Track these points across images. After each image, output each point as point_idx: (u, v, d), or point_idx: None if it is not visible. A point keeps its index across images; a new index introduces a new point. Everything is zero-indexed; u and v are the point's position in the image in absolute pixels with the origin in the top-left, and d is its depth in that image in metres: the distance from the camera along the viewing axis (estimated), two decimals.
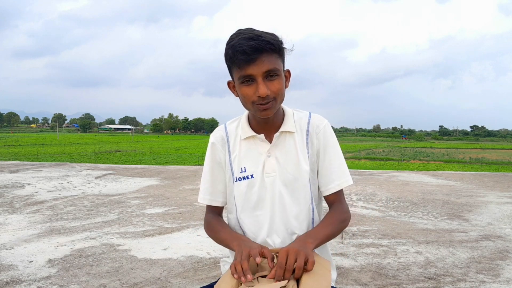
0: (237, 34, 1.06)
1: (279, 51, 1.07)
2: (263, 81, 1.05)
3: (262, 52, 1.02)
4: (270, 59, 1.04)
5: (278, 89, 1.07)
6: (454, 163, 25.46)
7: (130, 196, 5.42)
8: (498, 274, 2.73)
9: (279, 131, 1.17)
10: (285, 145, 1.17)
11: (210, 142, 1.26)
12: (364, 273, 2.70)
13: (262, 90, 1.04)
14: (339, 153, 1.20)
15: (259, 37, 1.02)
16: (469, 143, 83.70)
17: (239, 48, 1.01)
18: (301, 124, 1.20)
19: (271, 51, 1.04)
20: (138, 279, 2.52)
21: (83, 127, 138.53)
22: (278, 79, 1.07)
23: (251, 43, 1.01)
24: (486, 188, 6.80)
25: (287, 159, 1.16)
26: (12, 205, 4.66)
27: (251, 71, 1.03)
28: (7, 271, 2.60)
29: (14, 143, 36.65)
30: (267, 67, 1.04)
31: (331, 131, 1.21)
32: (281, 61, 1.09)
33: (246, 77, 1.05)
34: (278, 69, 1.06)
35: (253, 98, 1.06)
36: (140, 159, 20.85)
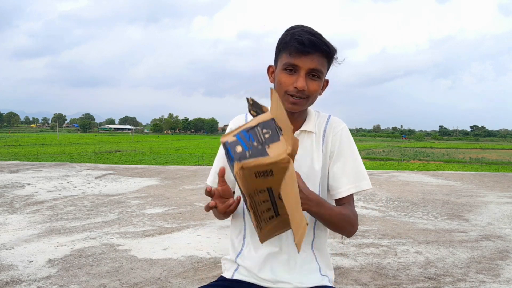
0: (299, 26, 1.09)
1: (330, 57, 1.10)
2: (305, 76, 1.07)
3: (316, 50, 1.05)
4: (320, 60, 1.07)
5: (315, 90, 1.09)
6: (454, 163, 25.46)
7: (130, 196, 5.42)
8: (498, 274, 2.73)
9: (299, 130, 1.18)
10: (302, 144, 1.18)
11: (228, 128, 1.25)
12: (364, 273, 2.70)
13: (301, 82, 1.06)
14: (355, 157, 1.19)
15: (320, 35, 1.07)
16: (469, 143, 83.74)
17: (298, 37, 1.04)
18: (320, 125, 1.21)
19: (324, 53, 1.07)
20: (138, 279, 2.52)
21: (83, 127, 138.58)
22: (318, 81, 1.09)
23: (311, 37, 1.04)
24: (486, 188, 6.80)
25: (302, 158, 1.16)
26: (12, 205, 4.65)
27: (299, 62, 1.06)
28: (7, 271, 2.60)
29: (14, 143, 36.66)
30: (315, 65, 1.06)
31: (348, 134, 1.20)
32: (327, 68, 1.12)
33: (292, 66, 1.07)
34: (322, 71, 1.09)
35: (289, 87, 1.08)
36: (140, 159, 20.84)
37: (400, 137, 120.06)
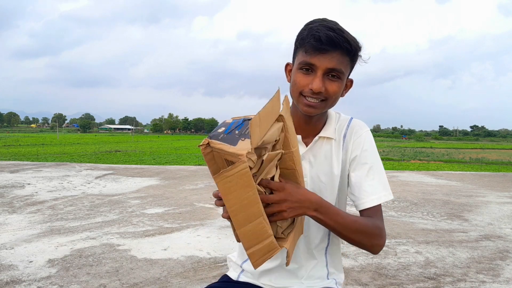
0: (320, 20, 0.98)
1: (353, 55, 0.98)
2: (322, 76, 0.96)
3: (336, 47, 0.94)
4: (340, 59, 0.96)
5: (334, 91, 0.98)
6: (454, 163, 25.45)
7: (130, 196, 5.42)
8: (498, 274, 2.73)
9: (318, 136, 1.08)
10: (321, 150, 1.09)
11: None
12: (364, 273, 2.70)
13: (317, 84, 0.96)
14: (378, 165, 1.07)
15: (340, 31, 0.94)
16: (469, 143, 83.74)
17: (315, 33, 0.93)
18: (340, 130, 1.10)
19: (345, 50, 0.95)
20: (138, 279, 2.52)
21: (83, 127, 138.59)
22: (338, 82, 0.98)
23: (330, 33, 0.92)
24: (486, 188, 6.79)
25: (321, 166, 1.08)
26: (12, 205, 4.65)
27: (315, 61, 0.95)
28: (7, 271, 2.60)
29: (14, 143, 36.64)
30: (334, 64, 0.95)
31: (370, 139, 1.09)
32: (350, 67, 1.01)
33: (308, 65, 0.97)
34: (343, 71, 0.98)
35: (304, 88, 0.98)
36: (140, 159, 20.84)
37: (400, 137, 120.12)
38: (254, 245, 0.86)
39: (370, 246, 1.00)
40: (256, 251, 0.86)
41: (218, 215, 4.38)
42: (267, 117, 0.86)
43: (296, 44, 1.01)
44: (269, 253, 0.88)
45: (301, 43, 0.98)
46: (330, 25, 0.95)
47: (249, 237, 0.86)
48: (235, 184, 0.82)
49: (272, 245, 0.87)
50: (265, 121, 0.86)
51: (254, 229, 0.85)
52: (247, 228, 0.85)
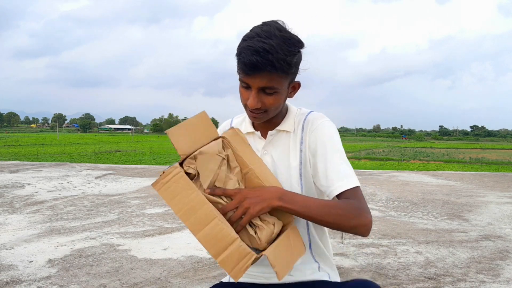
0: (255, 34, 0.98)
1: (284, 72, 0.99)
2: (257, 93, 1.01)
3: (261, 71, 0.96)
4: (270, 77, 0.98)
5: (271, 104, 1.03)
6: (454, 163, 25.45)
7: (130, 196, 5.42)
8: (498, 274, 2.73)
9: (275, 129, 1.14)
10: (281, 144, 1.14)
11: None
12: (364, 273, 2.70)
13: (251, 102, 1.01)
14: (337, 152, 1.07)
15: (266, 53, 0.94)
16: (469, 143, 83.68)
17: (241, 57, 0.98)
18: (298, 123, 1.15)
19: (272, 71, 0.97)
20: (138, 279, 2.52)
21: (83, 127, 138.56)
22: (274, 95, 1.02)
23: (252, 58, 0.95)
24: (486, 188, 6.80)
25: (280, 159, 1.13)
26: (12, 205, 4.65)
27: (247, 80, 1.00)
28: (7, 271, 2.60)
29: (14, 143, 36.63)
30: (264, 84, 0.99)
31: (327, 129, 1.10)
32: (287, 79, 1.03)
33: (244, 83, 1.02)
34: (276, 87, 1.01)
35: (246, 102, 1.05)
36: (140, 159, 20.84)
37: (400, 137, 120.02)
38: (221, 252, 0.85)
39: (351, 227, 0.98)
40: (226, 258, 0.85)
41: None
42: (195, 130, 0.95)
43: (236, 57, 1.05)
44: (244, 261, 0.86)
45: (237, 60, 1.02)
46: (257, 46, 0.94)
47: (210, 242, 0.86)
48: (174, 188, 0.85)
49: (242, 250, 0.86)
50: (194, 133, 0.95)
51: (212, 232, 0.85)
52: (204, 232, 0.85)
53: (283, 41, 0.97)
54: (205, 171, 0.92)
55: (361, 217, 0.98)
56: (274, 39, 0.96)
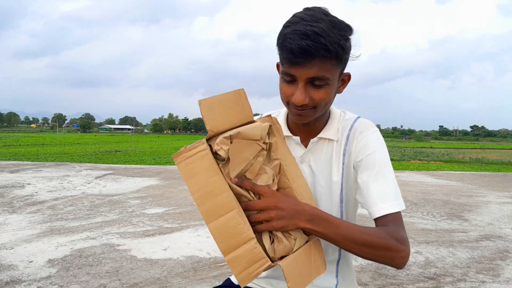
0: (299, 18, 0.85)
1: (337, 57, 0.86)
2: (304, 86, 0.87)
3: (313, 57, 0.83)
4: (322, 66, 0.85)
5: (322, 99, 0.89)
6: (454, 163, 25.42)
7: (130, 196, 5.42)
8: (498, 274, 2.73)
9: (317, 137, 0.99)
10: (322, 153, 1.00)
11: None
12: (364, 273, 2.70)
13: (299, 97, 0.87)
14: (386, 169, 0.94)
15: (317, 36, 0.81)
16: (469, 143, 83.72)
17: (287, 44, 0.84)
18: (343, 129, 1.00)
19: (325, 57, 0.84)
20: (138, 279, 2.52)
21: (83, 127, 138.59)
22: (325, 88, 0.88)
23: (302, 42, 0.81)
24: (486, 188, 6.80)
25: (321, 169, 1.00)
26: (12, 205, 4.65)
27: (294, 71, 0.86)
28: (7, 271, 2.60)
29: (14, 143, 36.63)
30: (314, 73, 0.85)
31: (377, 140, 0.97)
32: (338, 67, 0.89)
33: (288, 75, 0.88)
34: (327, 77, 0.87)
35: (290, 99, 0.90)
36: (140, 159, 20.82)
37: (400, 137, 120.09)
38: (232, 249, 0.76)
39: (387, 259, 0.87)
40: (236, 257, 0.76)
41: None
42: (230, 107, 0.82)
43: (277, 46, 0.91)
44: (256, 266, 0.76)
45: (279, 49, 0.89)
46: (305, 30, 0.82)
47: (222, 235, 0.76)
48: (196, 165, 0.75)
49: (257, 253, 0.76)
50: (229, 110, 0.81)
51: (227, 224, 0.76)
52: (219, 222, 0.76)
53: (332, 25, 0.84)
54: (238, 158, 0.79)
55: (399, 251, 0.87)
56: (322, 22, 0.84)
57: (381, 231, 0.88)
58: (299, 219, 0.82)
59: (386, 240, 0.86)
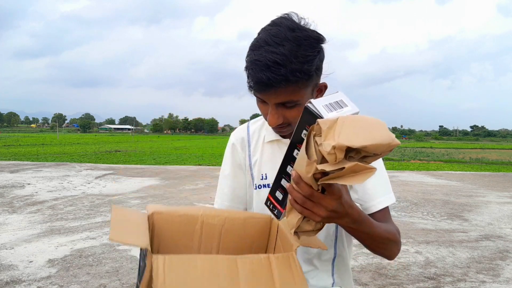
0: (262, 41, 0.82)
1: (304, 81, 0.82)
2: (275, 109, 0.86)
3: (276, 87, 0.80)
4: (287, 91, 0.82)
5: (294, 117, 0.87)
6: (454, 163, 25.41)
7: (130, 196, 5.42)
8: (498, 274, 2.73)
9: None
10: None
11: (230, 143, 1.11)
12: (364, 273, 2.70)
13: (270, 120, 0.87)
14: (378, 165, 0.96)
15: (277, 66, 0.79)
16: (469, 143, 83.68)
17: (249, 74, 0.83)
18: None
19: (289, 85, 0.81)
20: None
21: (83, 127, 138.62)
22: (297, 107, 0.86)
23: (262, 75, 0.79)
24: (486, 188, 6.79)
25: None
26: (12, 205, 4.65)
27: (262, 96, 0.85)
28: (7, 271, 2.60)
29: (14, 143, 36.62)
30: (281, 99, 0.84)
31: None
32: (308, 85, 0.85)
33: (259, 99, 0.88)
34: (296, 99, 0.85)
35: (266, 116, 0.90)
36: (140, 159, 20.79)
37: (400, 137, 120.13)
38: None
39: (393, 253, 0.91)
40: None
41: None
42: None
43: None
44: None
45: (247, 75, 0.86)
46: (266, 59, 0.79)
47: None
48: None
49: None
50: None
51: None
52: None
53: (298, 45, 0.80)
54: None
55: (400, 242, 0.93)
56: (286, 44, 0.80)
57: (391, 227, 0.91)
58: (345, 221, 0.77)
59: (396, 235, 0.90)
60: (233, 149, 1.11)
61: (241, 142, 1.10)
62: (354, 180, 0.65)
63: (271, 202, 0.78)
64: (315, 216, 0.74)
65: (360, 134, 0.63)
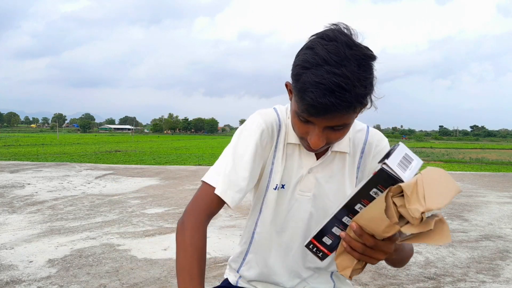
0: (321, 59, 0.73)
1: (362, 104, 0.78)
2: (322, 131, 0.80)
3: (336, 112, 0.74)
4: (344, 116, 0.77)
5: (338, 138, 0.84)
6: (454, 163, 25.42)
7: (130, 196, 5.42)
8: (498, 274, 2.73)
9: (330, 151, 0.94)
10: (332, 165, 0.96)
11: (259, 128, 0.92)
12: (364, 273, 2.70)
13: (314, 141, 0.81)
14: None
15: (342, 91, 0.72)
16: (469, 143, 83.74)
17: (307, 97, 0.74)
18: (356, 142, 0.97)
19: (349, 111, 0.76)
20: (138, 279, 2.52)
21: (83, 127, 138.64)
22: (343, 130, 0.82)
23: (326, 100, 0.72)
24: (486, 188, 6.80)
25: (330, 182, 0.96)
26: (12, 205, 4.65)
27: (313, 120, 0.79)
28: (7, 271, 2.60)
29: (14, 143, 36.63)
30: (335, 123, 0.79)
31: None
32: (359, 110, 0.80)
33: (305, 119, 0.80)
34: (347, 123, 0.81)
35: (305, 136, 0.84)
36: (140, 159, 20.80)
37: (400, 137, 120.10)
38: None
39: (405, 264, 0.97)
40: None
41: (218, 215, 4.38)
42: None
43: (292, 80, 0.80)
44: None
45: (296, 94, 0.78)
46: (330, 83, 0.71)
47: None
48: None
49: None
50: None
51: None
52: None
53: (358, 65, 0.74)
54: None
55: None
56: (347, 64, 0.72)
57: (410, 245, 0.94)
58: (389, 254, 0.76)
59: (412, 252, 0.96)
60: (262, 135, 0.92)
61: (272, 130, 0.95)
62: (441, 240, 0.67)
63: (315, 245, 0.79)
64: (373, 260, 0.76)
65: (440, 195, 0.66)
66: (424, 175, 0.67)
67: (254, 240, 1.05)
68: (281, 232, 1.00)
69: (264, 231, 1.02)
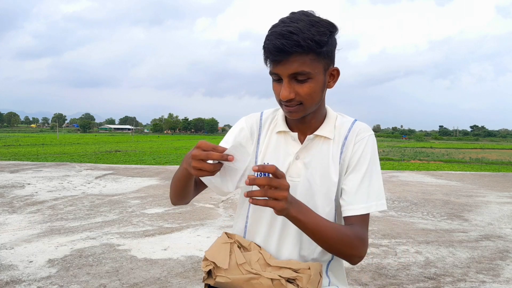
0: (280, 21, 0.92)
1: (316, 52, 0.89)
2: (288, 82, 0.92)
3: (289, 54, 0.88)
4: (300, 61, 0.89)
5: (306, 93, 0.92)
6: (454, 163, 25.41)
7: (130, 196, 5.42)
8: (498, 274, 2.73)
9: (313, 134, 1.02)
10: (317, 151, 1.02)
11: (239, 126, 1.11)
12: (364, 273, 2.70)
13: (283, 93, 0.92)
14: (374, 172, 1.00)
15: (290, 34, 0.86)
16: (469, 143, 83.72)
17: (267, 45, 0.90)
18: (341, 131, 1.04)
19: (302, 52, 0.88)
20: (138, 279, 2.52)
21: (83, 127, 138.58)
22: (309, 83, 0.92)
23: (278, 42, 0.87)
24: (486, 188, 6.80)
25: (317, 167, 1.01)
26: (12, 205, 4.65)
27: (276, 70, 0.92)
28: (7, 271, 2.60)
29: (14, 143, 36.59)
30: (294, 69, 0.90)
31: (373, 144, 1.03)
32: (320, 62, 0.92)
33: (274, 74, 0.94)
34: (308, 71, 0.90)
35: (279, 96, 0.94)
36: (140, 159, 20.80)
37: (400, 137, 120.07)
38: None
39: (349, 256, 0.95)
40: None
41: (218, 215, 4.38)
42: None
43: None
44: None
45: (264, 53, 0.94)
46: (281, 30, 0.88)
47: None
48: None
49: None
50: None
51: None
52: None
53: (311, 24, 0.89)
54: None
55: (361, 249, 0.95)
56: (300, 23, 0.88)
57: (351, 230, 0.95)
58: (292, 207, 0.86)
59: (354, 239, 0.94)
60: (240, 132, 1.10)
61: (251, 129, 1.10)
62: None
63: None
64: (280, 202, 0.82)
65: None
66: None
67: (247, 230, 1.10)
68: (273, 220, 1.04)
69: (255, 221, 1.07)
